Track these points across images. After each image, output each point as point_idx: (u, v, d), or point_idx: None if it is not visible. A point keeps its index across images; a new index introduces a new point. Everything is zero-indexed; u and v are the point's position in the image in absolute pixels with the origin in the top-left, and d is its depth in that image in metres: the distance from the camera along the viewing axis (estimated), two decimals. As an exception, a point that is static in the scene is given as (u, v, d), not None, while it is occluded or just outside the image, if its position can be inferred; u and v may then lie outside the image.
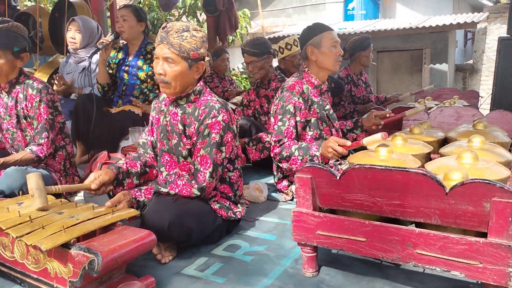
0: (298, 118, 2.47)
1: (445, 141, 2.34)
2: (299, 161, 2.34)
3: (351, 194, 1.55)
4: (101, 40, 3.25)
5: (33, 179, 1.72)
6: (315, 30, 2.54)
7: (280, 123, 2.47)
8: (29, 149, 2.48)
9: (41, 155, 2.48)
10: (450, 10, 10.77)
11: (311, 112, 2.52)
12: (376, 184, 1.48)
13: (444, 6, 10.79)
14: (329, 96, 2.75)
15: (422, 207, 1.42)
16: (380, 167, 1.47)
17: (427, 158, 2.03)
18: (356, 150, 2.57)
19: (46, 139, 2.50)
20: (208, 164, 1.93)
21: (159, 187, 1.93)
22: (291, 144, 2.40)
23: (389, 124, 2.80)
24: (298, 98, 2.46)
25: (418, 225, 1.55)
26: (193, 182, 1.93)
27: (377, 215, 1.54)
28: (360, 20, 10.93)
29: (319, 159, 2.27)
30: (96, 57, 3.69)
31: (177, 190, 1.91)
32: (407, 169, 1.42)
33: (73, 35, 3.65)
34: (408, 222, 1.61)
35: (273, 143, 2.48)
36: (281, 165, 2.48)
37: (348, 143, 2.16)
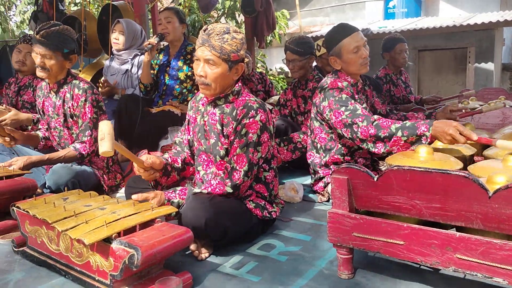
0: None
1: (489, 143, 2.25)
2: (403, 142, 2.13)
3: (389, 196, 1.52)
4: (146, 42, 3.35)
5: (106, 125, 1.73)
6: (333, 40, 2.49)
7: (347, 112, 2.31)
8: (73, 147, 2.59)
9: (84, 152, 2.59)
10: (497, 6, 10.31)
11: None
12: (415, 186, 1.45)
13: (491, 3, 10.35)
14: (366, 90, 2.70)
15: (463, 211, 1.38)
16: (419, 169, 1.44)
17: (470, 160, 1.96)
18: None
19: (89, 137, 2.60)
20: (244, 163, 1.95)
21: (192, 188, 1.96)
22: (389, 123, 2.19)
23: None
24: (346, 89, 2.42)
25: (459, 229, 1.50)
26: (226, 180, 1.95)
27: (415, 218, 1.51)
28: (401, 19, 10.67)
29: (428, 139, 2.05)
30: (137, 60, 3.82)
31: (209, 189, 1.93)
32: (448, 171, 1.38)
33: (116, 36, 3.79)
34: (448, 226, 1.56)
35: (361, 125, 2.25)
36: (375, 150, 2.24)
37: (475, 137, 1.94)
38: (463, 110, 2.61)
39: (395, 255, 1.52)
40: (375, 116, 2.27)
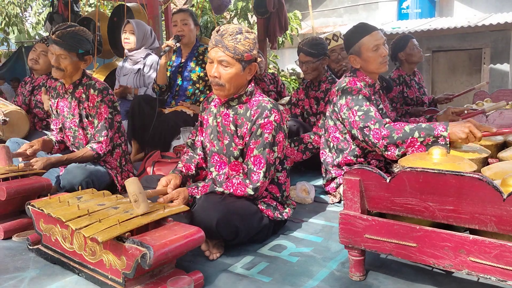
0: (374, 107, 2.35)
1: (504, 145, 2.23)
2: (419, 143, 2.11)
3: (402, 198, 1.51)
4: (164, 44, 3.39)
5: (135, 184, 1.69)
6: (353, 39, 2.50)
7: (360, 113, 2.32)
8: (90, 147, 2.62)
9: (100, 152, 2.62)
10: (513, 7, 10.16)
11: None
12: (428, 188, 1.44)
13: (506, 3, 10.19)
14: (381, 93, 2.68)
15: (477, 213, 1.36)
16: (432, 171, 1.42)
17: (485, 162, 1.94)
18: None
19: (105, 137, 2.63)
20: (262, 164, 1.96)
21: (214, 186, 1.98)
22: (402, 124, 2.19)
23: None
24: (364, 89, 2.41)
25: (472, 232, 1.49)
26: (247, 181, 1.96)
27: (428, 220, 1.49)
28: (415, 19, 10.57)
29: (446, 140, 2.05)
30: (150, 60, 3.86)
31: (231, 190, 1.94)
32: (461, 173, 1.37)
33: (127, 36, 3.85)
34: (461, 228, 1.55)
35: (372, 127, 2.25)
36: (388, 154, 2.23)
37: (494, 129, 1.95)
38: (465, 112, 2.57)
39: (408, 257, 1.51)
40: (387, 119, 2.28)
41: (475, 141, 2.00)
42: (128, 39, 3.85)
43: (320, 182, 2.92)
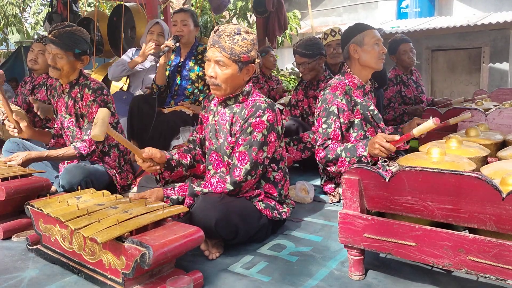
0: (341, 120, 2.45)
1: (503, 144, 2.23)
2: (347, 163, 2.32)
3: (401, 197, 1.51)
4: (163, 45, 3.37)
5: (103, 111, 1.79)
6: (357, 29, 2.54)
7: (325, 126, 2.46)
8: (73, 145, 2.60)
9: (83, 152, 2.58)
10: (512, 6, 10.16)
11: (354, 113, 2.50)
12: (427, 187, 1.44)
13: (506, 2, 10.19)
14: (373, 97, 2.68)
15: (476, 212, 1.36)
16: (432, 170, 1.43)
17: (484, 161, 1.94)
18: (407, 151, 2.50)
19: (89, 137, 2.60)
20: (246, 161, 1.95)
21: (193, 186, 1.96)
22: (336, 146, 2.39)
23: (438, 128, 2.66)
24: (341, 100, 2.45)
25: (472, 231, 1.49)
26: (226, 177, 1.96)
27: (428, 219, 1.49)
28: (414, 18, 10.57)
29: (368, 159, 2.25)
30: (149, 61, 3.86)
31: (210, 189, 1.94)
32: (461, 172, 1.37)
33: (157, 38, 3.74)
34: (461, 228, 1.55)
35: (317, 147, 2.47)
36: (328, 169, 2.46)
37: (396, 137, 2.13)
38: None
39: (407, 257, 1.51)
40: (329, 142, 2.43)
41: (387, 152, 2.17)
42: (157, 41, 3.71)
43: (319, 181, 2.92)
